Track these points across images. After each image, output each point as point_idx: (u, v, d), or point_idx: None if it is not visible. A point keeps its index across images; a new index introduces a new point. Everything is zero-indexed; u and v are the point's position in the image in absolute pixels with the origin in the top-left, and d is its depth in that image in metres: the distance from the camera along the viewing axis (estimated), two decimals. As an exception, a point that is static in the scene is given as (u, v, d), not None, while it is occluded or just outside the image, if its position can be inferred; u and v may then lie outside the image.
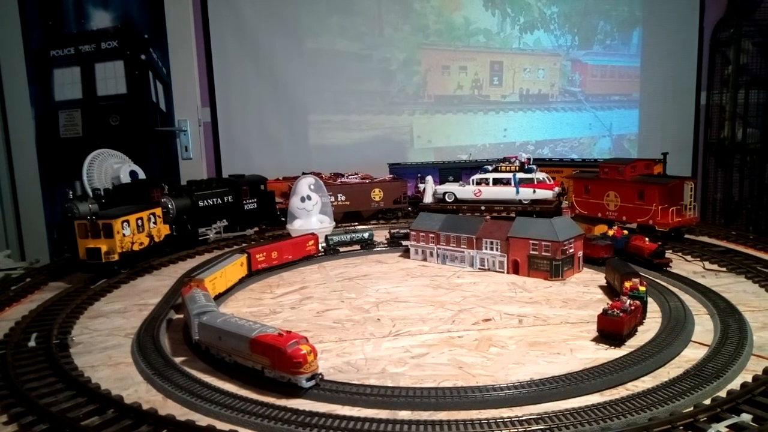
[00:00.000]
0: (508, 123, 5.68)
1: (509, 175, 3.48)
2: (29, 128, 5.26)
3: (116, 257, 2.68)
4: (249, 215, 3.72)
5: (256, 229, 3.75)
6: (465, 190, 3.63)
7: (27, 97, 5.22)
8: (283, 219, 3.74)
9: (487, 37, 5.52)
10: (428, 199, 3.82)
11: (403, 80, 5.45)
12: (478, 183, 3.57)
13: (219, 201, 3.53)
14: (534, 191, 3.41)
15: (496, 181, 3.53)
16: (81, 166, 3.67)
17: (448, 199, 3.67)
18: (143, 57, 5.09)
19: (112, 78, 5.13)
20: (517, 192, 3.44)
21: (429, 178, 3.90)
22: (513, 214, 3.32)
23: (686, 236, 3.16)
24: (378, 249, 3.25)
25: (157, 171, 5.09)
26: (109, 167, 3.73)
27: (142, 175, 3.74)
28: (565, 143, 5.84)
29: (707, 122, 5.99)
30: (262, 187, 3.84)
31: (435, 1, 5.39)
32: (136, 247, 2.82)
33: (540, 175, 3.46)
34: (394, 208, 4.08)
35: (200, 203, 3.41)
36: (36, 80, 5.21)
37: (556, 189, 3.46)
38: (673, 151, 5.62)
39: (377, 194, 4.01)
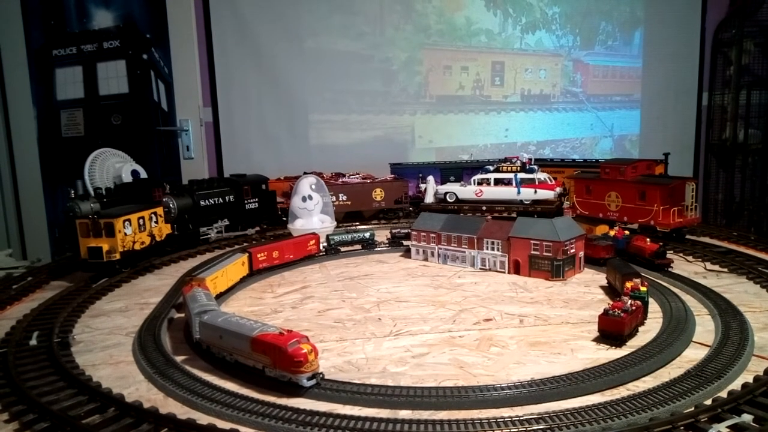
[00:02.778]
0: (510, 123, 5.68)
1: (511, 176, 3.48)
2: (31, 127, 5.27)
3: (118, 256, 2.69)
4: (250, 215, 3.72)
5: (257, 228, 3.76)
6: (466, 190, 3.62)
7: (29, 96, 5.22)
8: (284, 219, 3.75)
9: (489, 37, 5.52)
10: (429, 199, 3.82)
11: (404, 80, 5.45)
12: (480, 183, 3.57)
13: (220, 200, 3.53)
14: (535, 191, 3.41)
15: (498, 182, 3.53)
16: (83, 165, 3.68)
17: (449, 199, 3.67)
18: (145, 56, 5.09)
19: (114, 77, 5.14)
20: (519, 192, 3.44)
21: (430, 178, 3.90)
22: (514, 215, 3.32)
23: (687, 237, 3.15)
24: (379, 249, 3.25)
25: (159, 170, 5.09)
26: (110, 166, 3.74)
27: (143, 174, 3.75)
28: (566, 144, 5.84)
29: (709, 123, 5.99)
30: (264, 186, 3.85)
31: (437, 1, 5.39)
32: (137, 247, 2.82)
33: (541, 176, 3.45)
34: (396, 208, 4.08)
35: (201, 203, 3.41)
36: (38, 79, 5.21)
37: (558, 189, 3.46)
38: (675, 151, 5.62)
39: (378, 194, 4.01)
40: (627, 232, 2.88)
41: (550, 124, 5.76)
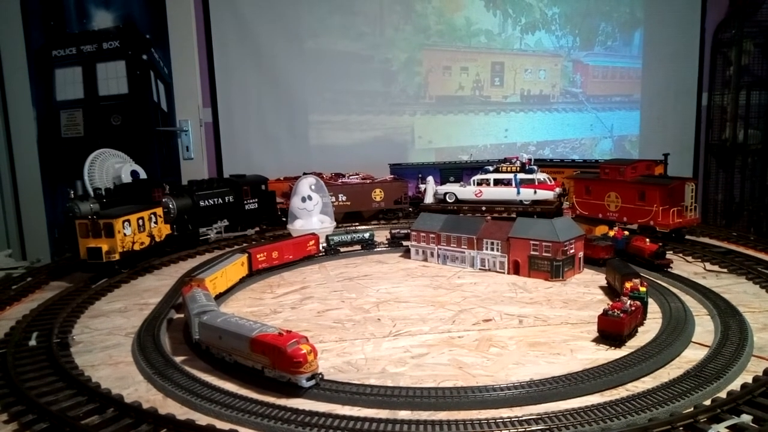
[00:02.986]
0: (509, 124, 5.68)
1: (510, 176, 3.49)
2: (31, 128, 5.27)
3: (117, 257, 2.68)
4: (250, 215, 3.71)
5: (257, 229, 3.75)
6: (466, 191, 3.63)
7: (29, 96, 5.22)
8: (284, 219, 3.74)
9: (489, 37, 5.53)
10: (429, 199, 3.81)
11: (404, 81, 5.45)
12: (479, 183, 3.57)
13: (220, 201, 3.52)
14: (535, 192, 3.42)
15: (497, 182, 3.53)
16: (82, 165, 3.67)
17: (448, 200, 3.67)
18: (145, 57, 5.09)
19: (113, 78, 5.13)
20: (518, 192, 3.44)
21: (430, 179, 3.90)
22: (513, 215, 3.33)
23: (687, 237, 3.16)
24: (379, 249, 3.25)
25: (159, 171, 5.09)
26: (110, 167, 3.73)
27: (143, 174, 3.74)
28: (566, 144, 5.84)
29: (708, 123, 5.99)
30: (263, 187, 3.84)
31: (436, 1, 5.40)
32: (137, 247, 2.82)
33: (541, 176, 3.46)
34: (395, 209, 4.07)
35: (201, 203, 3.41)
36: (38, 80, 5.21)
37: (557, 189, 3.47)
38: (675, 152, 5.61)
39: (378, 194, 4.00)
40: (626, 233, 2.88)
41: (549, 124, 5.76)
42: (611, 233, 2.93)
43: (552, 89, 5.72)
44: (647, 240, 2.74)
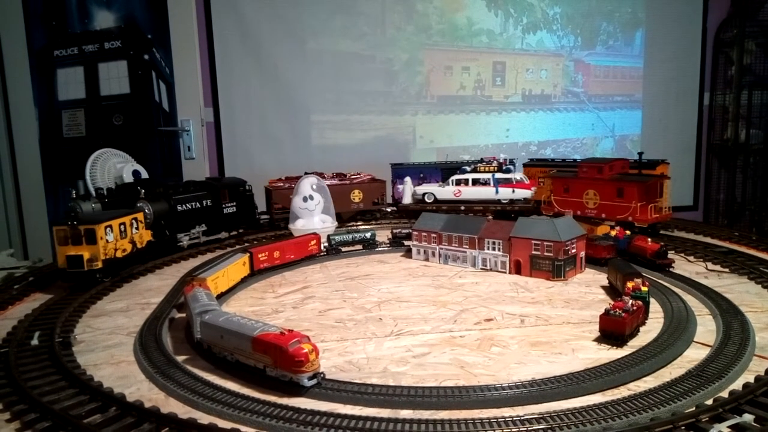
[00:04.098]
0: (511, 123, 5.68)
1: (488, 176, 3.52)
2: (32, 128, 5.28)
3: (99, 265, 2.57)
4: (228, 219, 3.57)
5: (234, 232, 3.61)
6: (445, 191, 3.65)
7: (30, 96, 5.23)
8: (261, 222, 3.70)
9: (490, 37, 5.53)
10: (407, 200, 3.81)
11: (405, 80, 5.46)
12: (458, 183, 3.59)
13: (197, 205, 3.38)
14: (513, 191, 3.46)
15: (476, 182, 3.56)
16: (84, 165, 3.68)
17: (427, 200, 3.68)
18: (146, 57, 5.10)
19: (115, 78, 5.14)
20: (497, 192, 3.47)
21: (407, 179, 3.89)
22: (490, 215, 3.39)
23: (687, 237, 3.19)
24: (380, 249, 3.25)
25: (160, 171, 5.10)
26: (112, 167, 3.74)
27: (144, 174, 3.74)
28: (567, 144, 5.84)
29: (710, 123, 5.99)
30: (241, 189, 3.67)
31: (438, 1, 5.40)
32: (119, 254, 2.71)
33: (518, 175, 3.51)
34: (373, 209, 4.04)
35: (178, 207, 3.26)
36: (39, 80, 5.22)
37: (533, 188, 3.51)
38: (676, 152, 5.64)
39: (357, 195, 3.94)
40: (628, 232, 2.88)
41: (551, 124, 5.76)
42: (613, 233, 2.93)
43: (553, 89, 5.72)
44: (649, 240, 2.75)
